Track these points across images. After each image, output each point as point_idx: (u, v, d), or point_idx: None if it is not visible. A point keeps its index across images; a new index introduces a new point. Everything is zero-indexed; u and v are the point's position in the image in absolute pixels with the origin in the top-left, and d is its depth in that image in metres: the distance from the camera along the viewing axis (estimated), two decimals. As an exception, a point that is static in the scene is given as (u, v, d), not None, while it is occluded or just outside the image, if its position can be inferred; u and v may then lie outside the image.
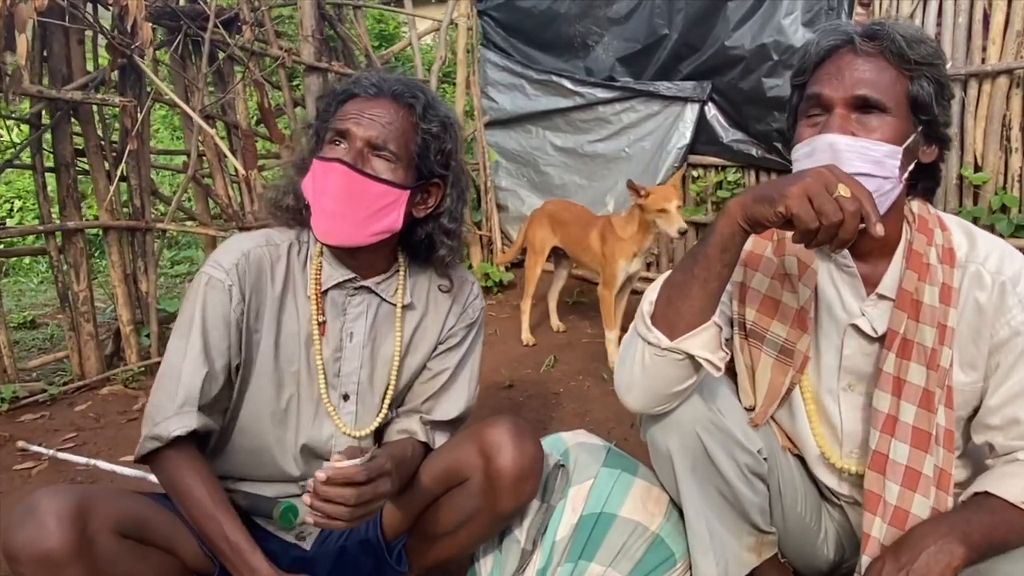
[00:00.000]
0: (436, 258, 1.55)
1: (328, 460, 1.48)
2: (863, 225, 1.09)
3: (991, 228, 3.59)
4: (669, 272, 1.32)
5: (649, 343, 1.28)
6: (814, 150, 1.25)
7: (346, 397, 1.54)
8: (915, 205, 1.36)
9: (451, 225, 1.55)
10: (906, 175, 1.29)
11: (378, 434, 1.59)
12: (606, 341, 3.55)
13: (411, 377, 1.60)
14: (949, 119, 1.30)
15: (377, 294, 1.54)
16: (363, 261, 1.51)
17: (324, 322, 1.51)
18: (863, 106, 1.24)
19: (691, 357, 1.26)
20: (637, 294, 3.12)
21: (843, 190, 1.08)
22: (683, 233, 3.19)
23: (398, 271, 1.57)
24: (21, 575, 1.20)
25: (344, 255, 1.50)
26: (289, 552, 1.53)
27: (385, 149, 1.42)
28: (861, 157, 1.21)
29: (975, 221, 3.61)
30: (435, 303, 1.61)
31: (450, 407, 1.60)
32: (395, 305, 1.55)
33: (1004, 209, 3.59)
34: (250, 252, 1.48)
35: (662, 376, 1.30)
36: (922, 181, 1.36)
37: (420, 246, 1.55)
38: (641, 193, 3.30)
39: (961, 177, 3.67)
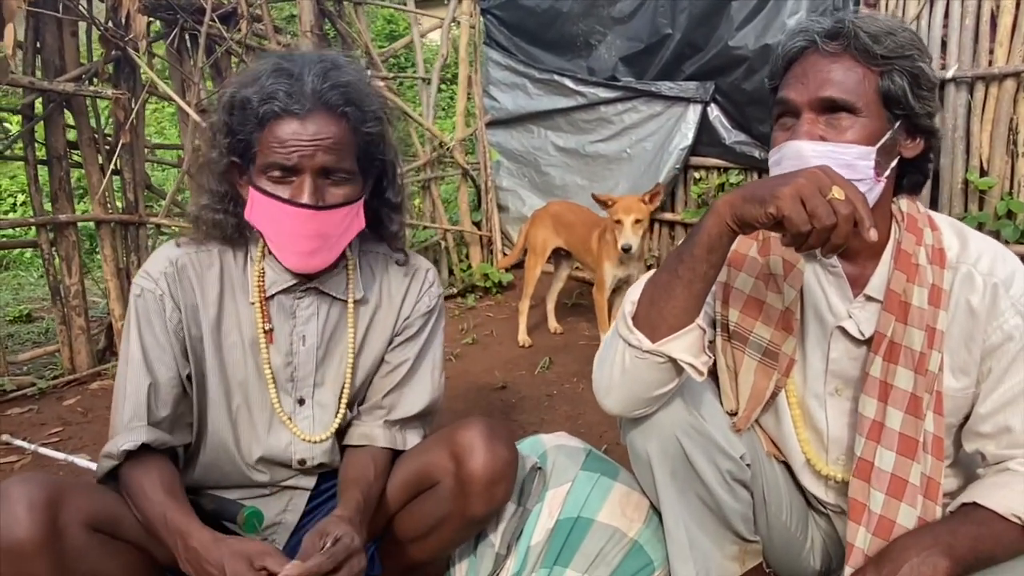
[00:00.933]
0: (388, 234, 1.51)
1: (290, 467, 1.45)
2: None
3: (996, 234, 3.53)
4: (653, 272, 1.28)
5: (630, 345, 1.23)
6: (782, 157, 1.22)
7: (302, 401, 1.49)
8: (903, 204, 1.32)
9: (396, 199, 1.50)
10: (887, 173, 1.24)
11: (339, 434, 1.54)
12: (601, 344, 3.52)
13: (369, 372, 1.54)
14: (932, 109, 1.25)
15: (327, 293, 1.48)
16: None
17: (271, 329, 1.45)
18: (830, 108, 1.20)
19: (673, 360, 1.22)
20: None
21: (837, 192, 1.04)
22: (626, 250, 3.21)
23: (347, 266, 1.51)
24: None
25: None
26: None
27: (339, 171, 1.34)
28: (831, 162, 1.15)
29: (980, 227, 3.55)
30: (388, 293, 1.55)
31: (414, 400, 1.54)
32: (346, 301, 1.50)
33: (1010, 215, 3.53)
34: (178, 259, 1.42)
35: (642, 379, 1.26)
36: (908, 176, 1.31)
37: (367, 228, 1.48)
38: (608, 203, 3.32)
39: (967, 182, 3.61)
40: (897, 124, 1.23)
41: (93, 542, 1.25)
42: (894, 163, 1.26)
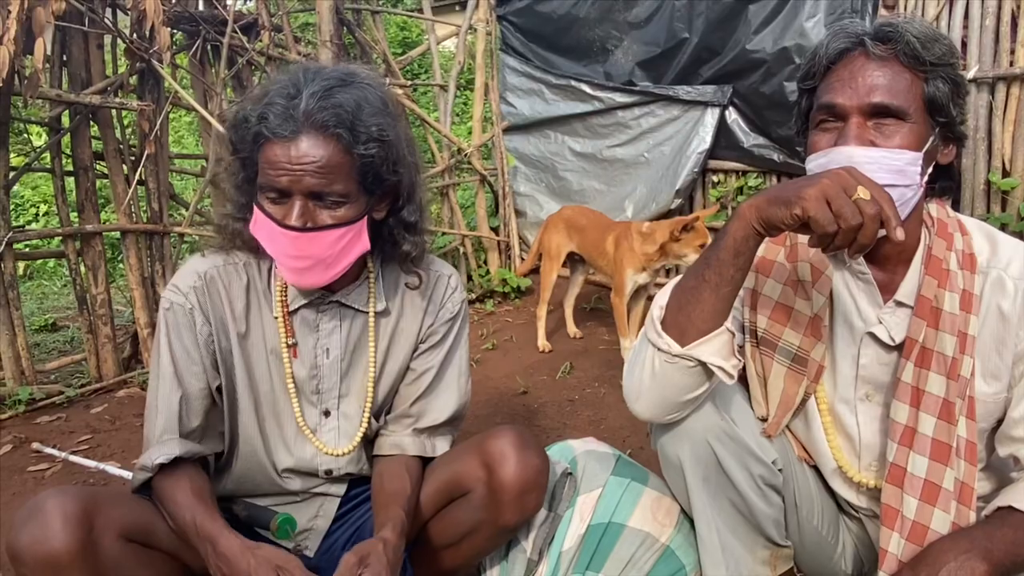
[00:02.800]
0: (400, 254, 1.48)
1: (319, 476, 1.47)
2: (883, 230, 1.05)
3: (1021, 235, 3.51)
4: (680, 276, 1.28)
5: (659, 349, 1.24)
6: (831, 162, 1.19)
7: (327, 413, 1.50)
8: (933, 208, 1.31)
9: (412, 218, 1.47)
10: (925, 179, 1.24)
11: (367, 443, 1.56)
12: (621, 349, 3.53)
13: (394, 382, 1.56)
14: (965, 116, 1.25)
15: (349, 306, 1.49)
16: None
17: (295, 344, 1.47)
18: (880, 113, 1.19)
19: (703, 364, 1.22)
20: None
21: (863, 192, 1.04)
22: None
23: (368, 278, 1.51)
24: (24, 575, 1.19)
25: None
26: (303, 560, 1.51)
27: (330, 195, 1.31)
28: (882, 168, 1.16)
29: (1003, 228, 3.53)
30: (411, 303, 1.55)
31: (441, 407, 1.55)
32: (367, 313, 1.50)
33: (1033, 215, 3.51)
34: (206, 272, 1.43)
35: (672, 384, 1.26)
36: (940, 181, 1.30)
37: (385, 245, 1.48)
38: (686, 227, 3.27)
39: (989, 182, 3.60)
40: (937, 130, 1.23)
41: (127, 552, 1.27)
42: (930, 169, 1.26)
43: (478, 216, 5.07)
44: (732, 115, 4.31)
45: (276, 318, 1.45)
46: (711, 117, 4.32)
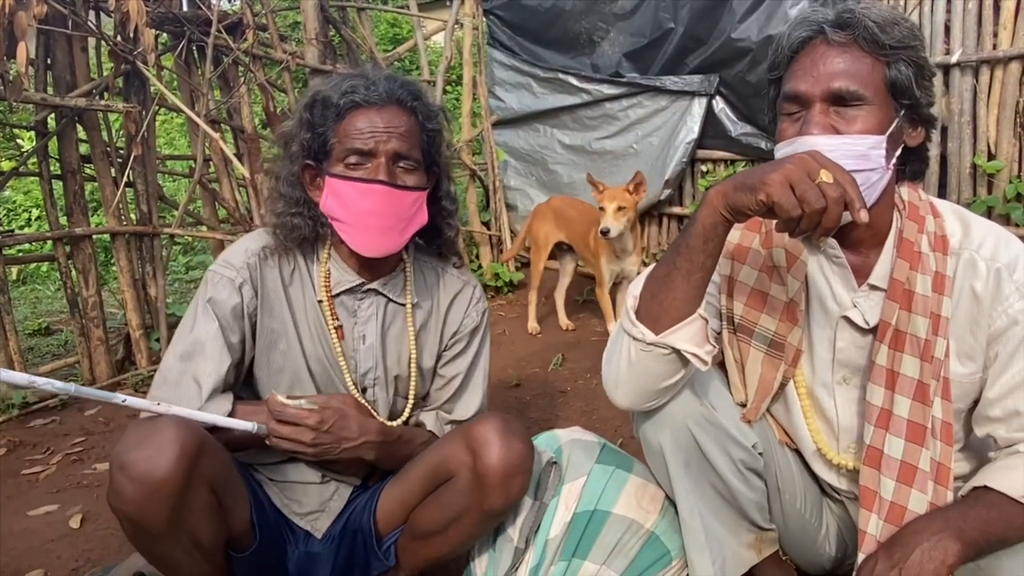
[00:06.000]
0: (444, 241, 1.64)
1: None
2: (847, 212, 1.06)
3: (1007, 217, 3.53)
4: (653, 265, 1.29)
5: (634, 338, 1.25)
6: (796, 150, 1.20)
7: (364, 391, 1.59)
8: (904, 191, 1.32)
9: (451, 206, 1.63)
10: (893, 162, 1.25)
11: None
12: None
13: (425, 373, 1.65)
14: (932, 99, 1.26)
15: (384, 295, 1.58)
16: (376, 264, 1.55)
17: (340, 326, 1.55)
18: (841, 99, 1.20)
19: (677, 351, 1.23)
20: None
21: (825, 176, 1.05)
22: (604, 233, 3.37)
23: (404, 270, 1.61)
24: (120, 486, 1.21)
25: (358, 260, 1.54)
26: (305, 543, 1.57)
27: (409, 158, 1.46)
28: (845, 154, 1.17)
29: (990, 210, 3.55)
30: (436, 302, 1.66)
31: (468, 406, 1.67)
32: (402, 304, 1.60)
33: (1019, 198, 3.52)
34: (259, 251, 1.53)
35: (649, 372, 1.27)
36: (910, 164, 1.32)
37: (427, 234, 1.60)
38: (599, 188, 3.51)
39: (975, 166, 3.61)
40: (902, 113, 1.24)
41: (208, 502, 1.33)
42: (898, 152, 1.27)
43: (469, 211, 5.07)
44: (719, 104, 4.31)
45: (320, 301, 1.54)
46: (698, 107, 4.32)
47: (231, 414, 1.41)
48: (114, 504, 1.24)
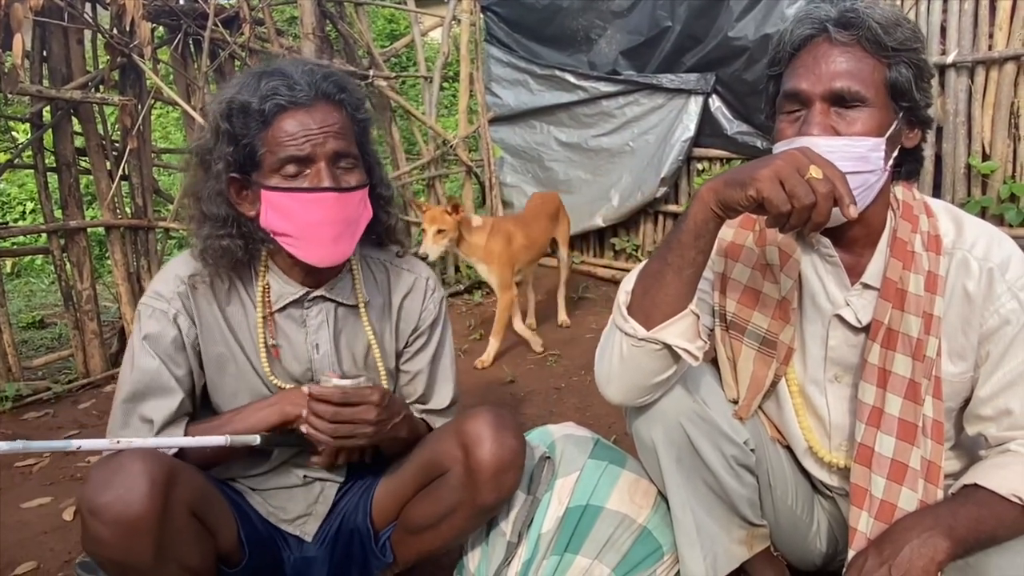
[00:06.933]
0: (386, 228, 1.54)
1: None
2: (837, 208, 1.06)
3: (1000, 218, 3.54)
4: (645, 261, 1.30)
5: (626, 334, 1.25)
6: None
7: None
8: (899, 191, 1.33)
9: (387, 193, 1.53)
10: (890, 163, 1.26)
11: None
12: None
13: (388, 373, 1.60)
14: (930, 101, 1.27)
15: (334, 300, 1.51)
16: (321, 270, 1.46)
17: (276, 345, 1.48)
18: (842, 99, 1.20)
19: (668, 347, 1.24)
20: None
21: (815, 171, 1.05)
22: (423, 258, 3.17)
23: (351, 270, 1.54)
24: (95, 532, 1.16)
25: (302, 269, 1.46)
26: (299, 548, 1.56)
27: (348, 156, 1.38)
28: (844, 156, 1.17)
29: (984, 211, 3.56)
30: (388, 297, 1.60)
31: (443, 397, 1.65)
32: (353, 306, 1.54)
33: (1013, 198, 3.54)
34: (189, 276, 1.44)
35: (640, 367, 1.28)
36: (905, 165, 1.32)
37: (368, 224, 1.50)
38: (423, 209, 3.42)
39: (969, 166, 3.62)
40: (901, 115, 1.24)
41: (190, 525, 1.29)
42: (895, 153, 1.27)
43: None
44: (716, 103, 4.32)
45: (259, 319, 1.47)
46: (695, 105, 4.33)
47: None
48: (93, 551, 1.19)
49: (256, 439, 1.36)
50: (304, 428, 1.37)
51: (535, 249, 3.74)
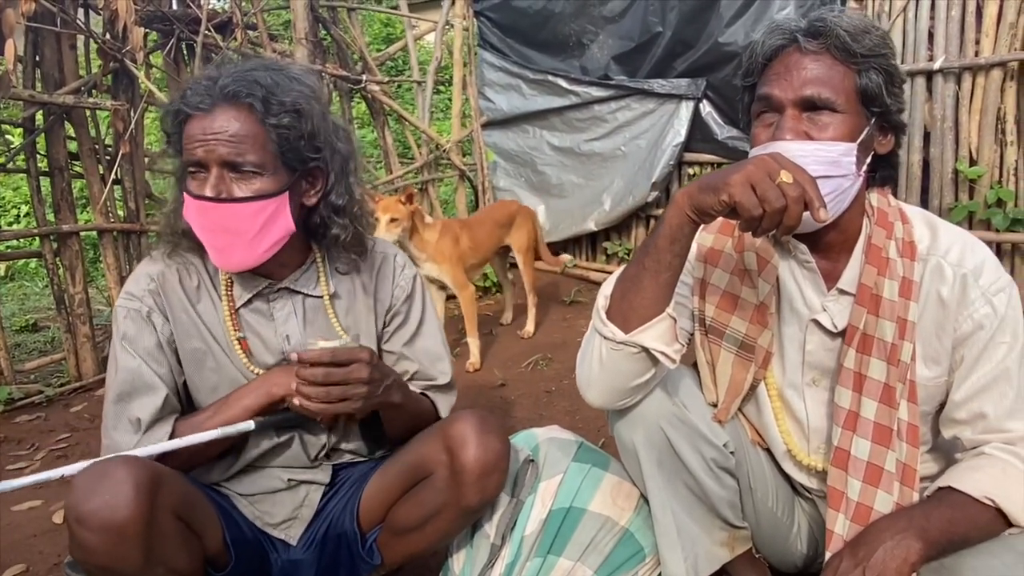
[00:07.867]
0: (331, 238, 1.50)
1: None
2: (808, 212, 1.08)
3: (987, 222, 3.57)
4: (624, 266, 1.32)
5: (605, 337, 1.27)
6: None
7: None
8: (874, 197, 1.35)
9: (340, 201, 1.49)
10: (864, 168, 1.28)
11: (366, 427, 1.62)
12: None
13: None
14: (902, 106, 1.29)
15: (299, 291, 1.53)
16: (272, 265, 1.46)
17: (243, 337, 1.49)
18: (813, 106, 1.23)
19: (646, 350, 1.26)
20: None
21: (785, 176, 1.07)
22: None
23: (315, 262, 1.55)
24: (82, 539, 1.17)
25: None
26: (285, 551, 1.56)
27: (243, 165, 1.34)
28: (816, 160, 1.20)
29: (971, 216, 3.59)
30: (361, 286, 1.59)
31: (433, 374, 1.63)
32: (319, 298, 1.54)
33: (1000, 203, 3.57)
34: (158, 274, 1.47)
35: (620, 370, 1.29)
36: (880, 171, 1.34)
37: (318, 232, 1.50)
38: (375, 199, 3.40)
39: (956, 171, 3.65)
40: (872, 121, 1.27)
41: (176, 529, 1.29)
42: (869, 159, 1.29)
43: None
44: (706, 108, 4.35)
45: (236, 311, 1.49)
46: (686, 110, 4.36)
47: (172, 435, 1.39)
48: (81, 558, 1.19)
49: (251, 425, 1.37)
50: (297, 401, 1.36)
51: (480, 252, 3.75)
